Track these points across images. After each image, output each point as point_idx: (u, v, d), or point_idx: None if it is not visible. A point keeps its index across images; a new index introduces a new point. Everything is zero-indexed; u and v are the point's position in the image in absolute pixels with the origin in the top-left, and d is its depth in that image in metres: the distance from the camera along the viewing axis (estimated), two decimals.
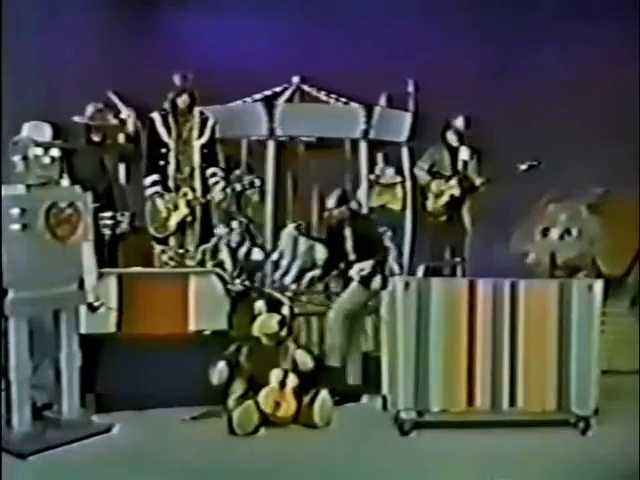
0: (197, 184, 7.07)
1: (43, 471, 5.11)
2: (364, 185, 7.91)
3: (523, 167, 7.60)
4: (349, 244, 6.68)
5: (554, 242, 7.34)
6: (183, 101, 6.98)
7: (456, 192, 7.97)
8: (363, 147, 7.90)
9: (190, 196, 6.97)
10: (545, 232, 7.41)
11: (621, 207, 7.33)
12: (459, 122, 7.99)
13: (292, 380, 5.75)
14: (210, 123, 7.07)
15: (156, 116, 7.03)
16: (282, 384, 5.72)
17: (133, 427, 5.66)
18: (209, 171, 7.07)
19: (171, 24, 8.00)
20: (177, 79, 7.01)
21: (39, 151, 5.40)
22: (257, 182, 7.11)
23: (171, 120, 6.98)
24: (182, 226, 7.00)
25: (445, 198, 7.95)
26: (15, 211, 5.24)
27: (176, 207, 6.99)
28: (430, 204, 7.98)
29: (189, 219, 7.02)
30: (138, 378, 5.88)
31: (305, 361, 5.88)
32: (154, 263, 7.11)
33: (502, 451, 5.30)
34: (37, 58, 7.36)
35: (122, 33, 7.77)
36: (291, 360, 5.85)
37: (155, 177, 6.96)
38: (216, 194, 7.03)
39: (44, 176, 5.41)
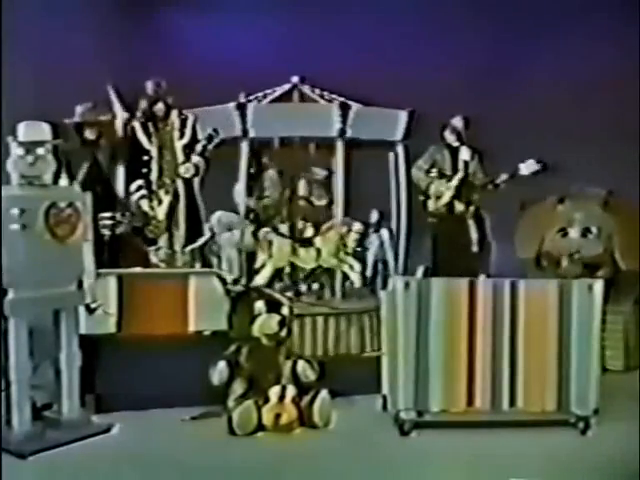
0: (179, 183, 7.06)
1: (43, 471, 5.12)
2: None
3: (525, 173, 7.56)
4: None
5: (577, 240, 7.30)
6: (159, 109, 6.97)
7: (451, 193, 7.93)
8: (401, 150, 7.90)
9: (167, 182, 6.96)
10: (562, 232, 7.36)
11: (630, 204, 7.33)
12: (458, 122, 7.95)
13: (291, 391, 5.76)
14: (190, 122, 7.05)
15: (136, 124, 7.03)
16: (281, 397, 5.73)
17: (133, 427, 5.67)
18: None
19: (169, 24, 8.00)
20: (149, 87, 6.97)
21: (20, 151, 5.41)
22: (213, 133, 6.99)
23: (151, 127, 6.98)
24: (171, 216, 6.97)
25: (446, 199, 7.91)
26: (14, 211, 5.25)
27: (160, 202, 6.98)
28: (431, 204, 7.94)
29: (176, 204, 6.98)
30: (138, 378, 5.88)
31: (308, 374, 5.89)
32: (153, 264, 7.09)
33: (502, 451, 5.31)
34: (37, 58, 7.36)
35: (121, 33, 7.76)
36: (292, 372, 5.87)
37: (139, 182, 6.96)
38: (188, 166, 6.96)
39: (30, 175, 5.41)
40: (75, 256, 5.54)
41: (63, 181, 5.55)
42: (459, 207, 7.83)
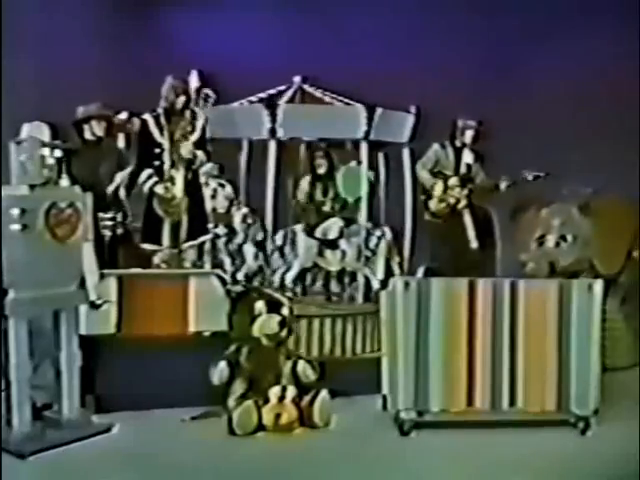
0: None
1: (43, 471, 5.12)
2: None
3: (529, 177, 7.59)
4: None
5: (551, 250, 7.34)
6: (180, 101, 6.97)
7: (457, 194, 7.92)
8: (364, 147, 7.82)
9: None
10: (540, 240, 7.39)
11: (611, 207, 7.35)
12: (469, 124, 7.94)
13: (291, 391, 5.77)
14: (201, 121, 7.07)
15: (148, 117, 7.02)
16: (281, 397, 5.74)
17: (133, 427, 5.67)
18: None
19: (171, 24, 7.99)
20: (176, 81, 6.97)
21: (46, 151, 5.42)
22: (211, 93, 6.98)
23: (163, 121, 6.98)
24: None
25: (452, 201, 7.89)
26: (15, 211, 5.24)
27: (173, 182, 6.95)
28: (433, 204, 7.93)
29: (190, 177, 6.96)
30: (138, 378, 5.88)
31: (308, 374, 5.90)
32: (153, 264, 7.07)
33: (502, 451, 5.32)
34: (37, 58, 7.35)
35: (122, 33, 7.75)
36: (292, 372, 5.88)
37: (149, 171, 6.95)
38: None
39: (47, 176, 5.43)
40: (75, 256, 5.54)
41: (64, 181, 5.56)
42: (461, 204, 7.84)
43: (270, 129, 7.25)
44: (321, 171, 7.62)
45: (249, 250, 7.13)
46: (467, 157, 7.98)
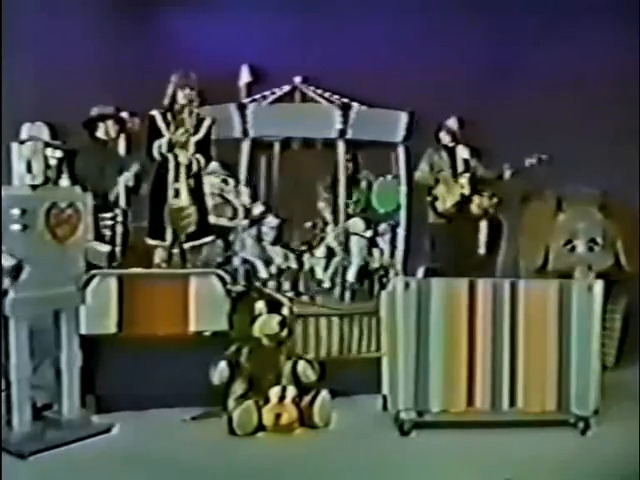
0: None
1: (43, 471, 5.12)
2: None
3: (533, 161, 7.56)
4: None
5: (586, 255, 7.27)
6: (185, 95, 6.91)
7: (467, 191, 7.89)
8: (401, 151, 7.86)
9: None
10: (569, 245, 7.33)
11: (624, 206, 7.33)
12: (453, 123, 7.95)
13: (291, 391, 5.78)
14: (207, 123, 7.05)
15: (156, 113, 7.01)
16: (281, 398, 5.74)
17: (133, 427, 5.68)
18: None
19: (171, 24, 8.00)
20: (176, 77, 6.96)
21: (50, 152, 5.43)
22: None
23: (169, 117, 6.96)
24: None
25: (456, 198, 7.88)
26: (15, 211, 5.25)
27: (177, 195, 6.92)
28: (440, 205, 7.92)
29: (193, 184, 6.92)
30: (138, 378, 5.88)
31: (308, 374, 5.91)
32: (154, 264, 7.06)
33: (502, 451, 5.32)
34: (37, 58, 7.36)
35: (122, 33, 7.76)
36: (292, 373, 5.88)
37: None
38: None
39: (49, 176, 5.44)
40: (75, 256, 5.55)
41: (64, 181, 5.56)
42: (475, 209, 7.82)
43: (340, 130, 7.34)
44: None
45: (278, 250, 7.13)
46: (462, 153, 7.97)
